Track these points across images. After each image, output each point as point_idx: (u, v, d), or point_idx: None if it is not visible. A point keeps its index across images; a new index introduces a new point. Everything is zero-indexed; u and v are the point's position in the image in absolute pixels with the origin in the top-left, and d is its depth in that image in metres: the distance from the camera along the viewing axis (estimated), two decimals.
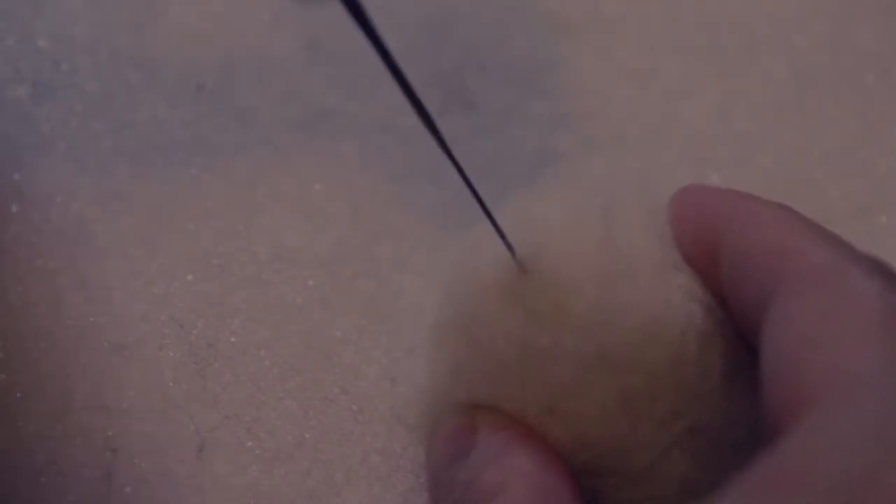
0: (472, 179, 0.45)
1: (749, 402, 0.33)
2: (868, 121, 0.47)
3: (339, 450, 0.38)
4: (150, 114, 0.47)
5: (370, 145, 0.46)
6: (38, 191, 0.44)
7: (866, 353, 0.26)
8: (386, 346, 0.40)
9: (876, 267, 0.29)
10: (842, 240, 0.30)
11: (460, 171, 0.32)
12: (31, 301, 0.41)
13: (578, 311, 0.33)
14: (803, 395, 0.26)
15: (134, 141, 0.46)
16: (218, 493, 0.37)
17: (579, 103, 0.48)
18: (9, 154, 0.45)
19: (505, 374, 0.33)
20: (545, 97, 0.47)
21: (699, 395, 0.33)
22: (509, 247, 0.33)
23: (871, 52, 0.50)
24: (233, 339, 0.40)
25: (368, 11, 0.28)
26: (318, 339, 0.40)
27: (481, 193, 0.39)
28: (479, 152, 0.46)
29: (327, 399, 0.39)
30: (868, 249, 0.43)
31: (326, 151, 0.46)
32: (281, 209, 0.44)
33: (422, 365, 0.38)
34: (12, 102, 0.47)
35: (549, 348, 0.33)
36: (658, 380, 0.33)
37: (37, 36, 0.49)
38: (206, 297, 0.41)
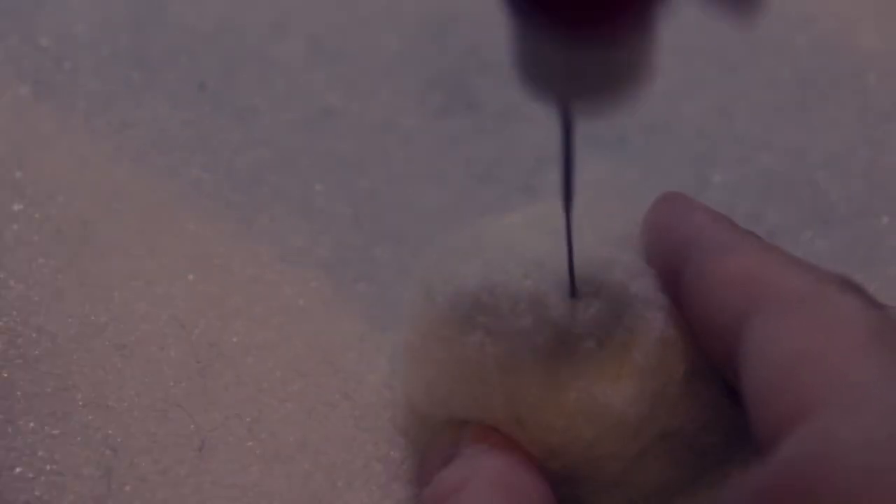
0: (473, 179, 0.45)
1: (719, 405, 0.34)
2: (870, 121, 0.47)
3: (342, 455, 0.38)
4: (152, 113, 0.47)
5: (371, 145, 0.46)
6: (40, 189, 0.44)
7: (861, 363, 0.27)
8: (388, 354, 0.40)
9: (848, 284, 0.30)
10: (809, 263, 0.32)
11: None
12: (31, 300, 0.41)
13: (535, 327, 0.33)
14: (802, 404, 0.27)
15: (135, 140, 0.46)
16: (218, 493, 0.37)
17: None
18: (11, 152, 0.45)
19: (472, 390, 0.34)
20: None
21: (666, 400, 0.33)
22: (573, 289, 0.34)
23: (872, 52, 0.50)
24: (234, 340, 0.40)
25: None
26: (320, 343, 0.40)
27: (481, 193, 0.39)
28: (480, 152, 0.46)
29: (330, 404, 0.39)
30: (870, 250, 0.43)
31: (327, 151, 0.46)
32: (282, 209, 0.44)
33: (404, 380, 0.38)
34: (14, 101, 0.47)
35: (509, 364, 0.33)
36: (623, 387, 0.33)
37: (39, 34, 0.49)
38: (207, 298, 0.41)
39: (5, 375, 0.39)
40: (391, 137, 0.46)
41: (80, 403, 0.38)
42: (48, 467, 0.37)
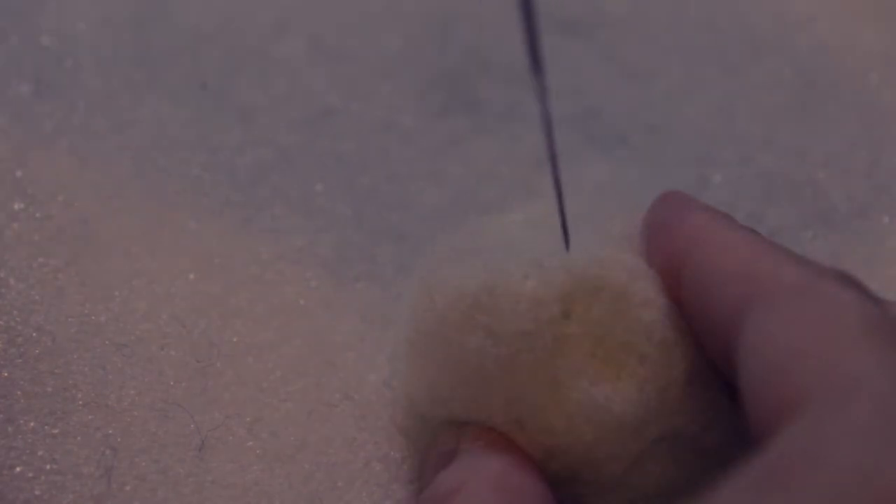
0: (473, 178, 0.45)
1: (719, 406, 0.34)
2: (870, 121, 0.47)
3: (342, 455, 0.38)
4: (153, 112, 0.47)
5: (371, 145, 0.46)
6: (41, 188, 0.44)
7: (855, 356, 0.27)
8: (388, 354, 0.40)
9: (845, 279, 0.30)
10: (806, 258, 0.32)
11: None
12: (32, 299, 0.41)
13: (536, 328, 0.33)
14: (795, 398, 0.27)
15: (136, 139, 0.46)
16: (218, 493, 0.37)
17: (582, 103, 0.48)
18: (11, 151, 0.45)
19: (473, 391, 0.34)
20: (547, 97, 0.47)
21: (666, 401, 0.33)
22: (566, 240, 0.34)
23: (874, 52, 0.50)
24: (235, 339, 0.40)
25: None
26: (320, 343, 0.40)
27: (482, 193, 0.39)
28: (480, 152, 0.46)
29: (330, 404, 0.39)
30: (870, 250, 0.43)
31: (328, 151, 0.46)
32: (282, 209, 0.44)
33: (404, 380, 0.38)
34: (15, 99, 0.47)
35: (508, 365, 0.33)
36: (623, 389, 0.33)
37: (40, 33, 0.49)
38: (208, 297, 0.41)
39: (5, 375, 0.39)
40: (391, 137, 0.46)
41: (80, 403, 0.38)
42: (48, 467, 0.37)
